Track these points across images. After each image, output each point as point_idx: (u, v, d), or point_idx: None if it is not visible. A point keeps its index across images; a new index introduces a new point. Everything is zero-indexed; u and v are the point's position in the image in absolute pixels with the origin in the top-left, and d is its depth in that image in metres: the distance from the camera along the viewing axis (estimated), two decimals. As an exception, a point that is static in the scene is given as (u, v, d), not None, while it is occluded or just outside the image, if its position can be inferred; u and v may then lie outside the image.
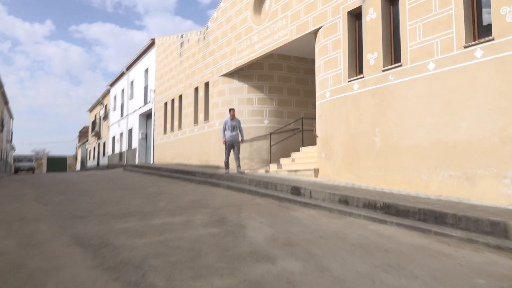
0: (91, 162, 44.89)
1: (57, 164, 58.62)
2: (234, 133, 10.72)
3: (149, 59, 22.94)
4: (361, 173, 7.66)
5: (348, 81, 8.10)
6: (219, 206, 6.39)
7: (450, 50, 6.11)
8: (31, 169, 35.52)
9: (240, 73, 13.37)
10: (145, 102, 23.19)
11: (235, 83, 13.43)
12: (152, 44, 22.08)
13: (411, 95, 6.70)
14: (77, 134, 63.53)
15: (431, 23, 6.42)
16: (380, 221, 5.11)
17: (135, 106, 25.19)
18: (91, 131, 43.65)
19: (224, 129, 10.78)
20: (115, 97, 32.22)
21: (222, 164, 13.40)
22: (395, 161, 6.95)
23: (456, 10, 6.06)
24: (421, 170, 6.49)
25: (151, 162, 21.83)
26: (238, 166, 10.71)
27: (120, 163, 29.20)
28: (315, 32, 9.38)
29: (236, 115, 13.34)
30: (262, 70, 13.28)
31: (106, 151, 35.47)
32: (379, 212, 5.46)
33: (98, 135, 39.57)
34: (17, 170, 35.04)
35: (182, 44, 17.67)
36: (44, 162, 59.95)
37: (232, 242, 4.01)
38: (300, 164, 10.21)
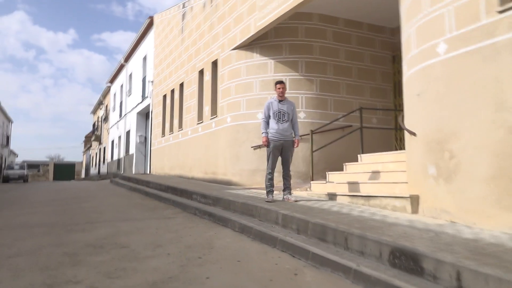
0: (93, 170, 41.59)
1: (64, 171, 56.36)
2: (284, 125, 6.00)
3: (147, 44, 19.15)
4: (550, 215, 3.38)
5: (501, 12, 3.86)
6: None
7: None
8: (22, 178, 32.25)
9: (262, 44, 9.28)
10: (143, 98, 19.37)
11: (256, 59, 9.34)
12: (150, 24, 18.29)
13: None
14: (83, 139, 60.59)
15: None
16: None
17: (133, 104, 21.43)
18: (92, 135, 40.31)
19: (267, 119, 6.15)
20: (114, 95, 28.68)
21: (235, 179, 9.30)
22: None
23: None
24: None
25: (148, 171, 17.94)
26: (287, 189, 6.19)
27: (118, 171, 25.51)
28: None
29: (256, 105, 9.25)
30: (296, 38, 9.16)
31: (106, 158, 31.93)
32: None
33: (99, 140, 36.16)
34: (6, 179, 31.83)
35: (184, 15, 13.73)
36: (51, 169, 57.49)
37: None
38: (371, 185, 5.98)
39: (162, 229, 5.27)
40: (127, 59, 23.67)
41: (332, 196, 6.27)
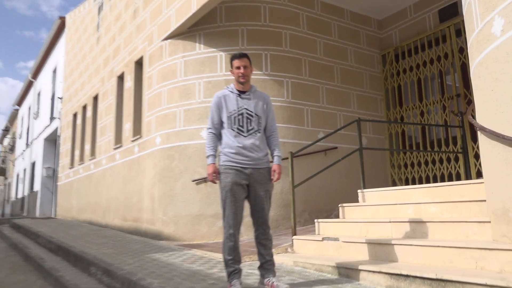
0: (-3, 210, 35.45)
1: (-32, 212, 48.49)
2: (251, 140, 2.99)
3: (58, 53, 15.66)
4: None
5: None
6: None
7: None
8: None
9: (209, 30, 6.55)
10: (51, 119, 15.65)
11: (199, 51, 6.54)
12: (62, 26, 14.90)
13: None
14: (-9, 173, 52.88)
15: None
16: None
17: (40, 128, 17.51)
18: (-3, 168, 34.55)
19: (217, 129, 3.09)
20: (22, 119, 24.25)
21: (167, 230, 6.25)
22: None
23: None
24: None
25: (54, 214, 14.07)
26: (269, 264, 2.99)
27: (21, 213, 20.94)
28: None
29: (200, 117, 6.40)
30: (258, 23, 6.54)
31: (10, 196, 26.85)
32: None
33: (3, 174, 30.77)
34: None
35: (101, 8, 10.68)
36: (-49, 209, 49.22)
37: None
38: (418, 249, 3.26)
39: None
40: (35, 74, 19.76)
41: (348, 272, 3.46)
